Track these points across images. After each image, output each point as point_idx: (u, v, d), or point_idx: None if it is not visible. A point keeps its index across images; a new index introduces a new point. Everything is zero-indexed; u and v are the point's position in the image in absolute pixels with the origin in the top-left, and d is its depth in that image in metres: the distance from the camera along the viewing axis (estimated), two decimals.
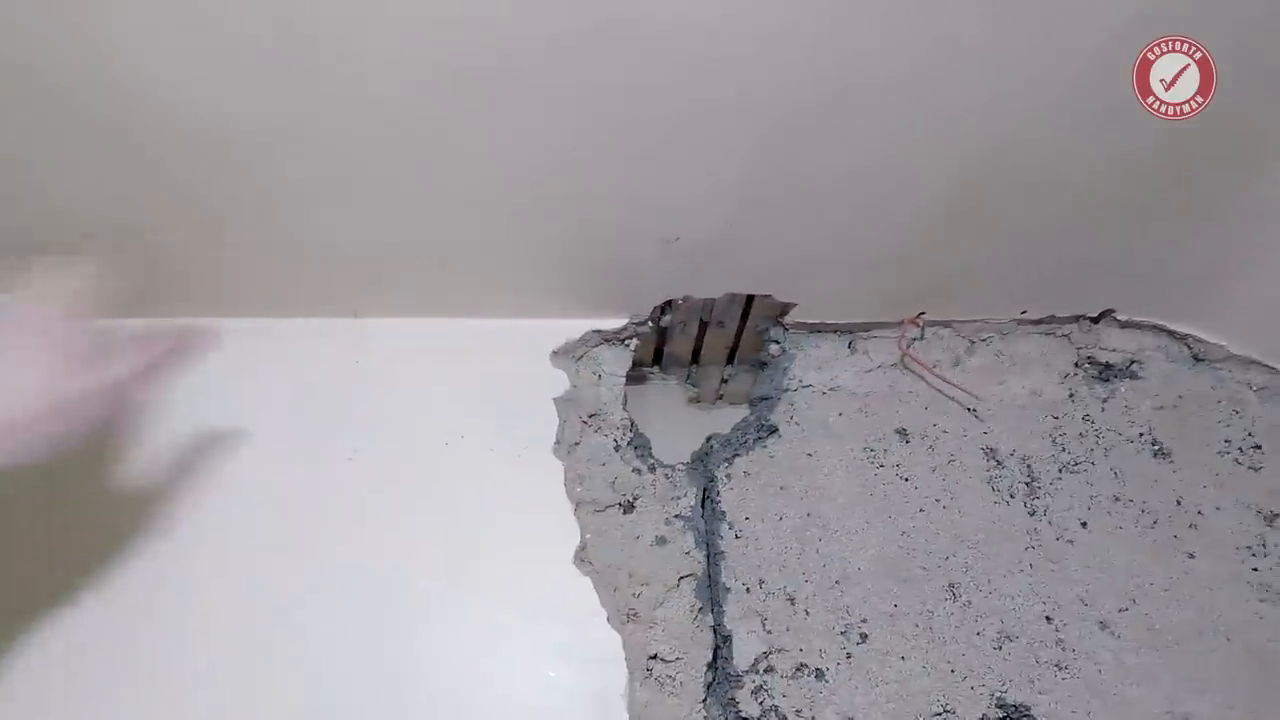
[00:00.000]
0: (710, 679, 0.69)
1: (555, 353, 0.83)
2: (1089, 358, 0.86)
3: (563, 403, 0.81)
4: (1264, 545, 0.74)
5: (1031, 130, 0.66)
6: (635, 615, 0.71)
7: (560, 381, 0.82)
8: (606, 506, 0.77)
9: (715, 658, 0.70)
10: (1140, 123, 0.65)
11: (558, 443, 0.79)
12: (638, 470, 0.79)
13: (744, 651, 0.70)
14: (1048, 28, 0.58)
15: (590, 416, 0.82)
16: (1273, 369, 0.83)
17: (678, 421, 0.94)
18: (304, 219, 0.71)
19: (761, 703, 0.68)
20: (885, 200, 0.73)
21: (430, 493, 0.75)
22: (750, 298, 0.85)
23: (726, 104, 0.62)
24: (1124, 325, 0.87)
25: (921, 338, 0.87)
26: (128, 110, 0.60)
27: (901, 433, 0.81)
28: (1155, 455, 0.79)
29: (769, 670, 0.69)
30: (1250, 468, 0.78)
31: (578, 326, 0.84)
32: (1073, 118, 0.65)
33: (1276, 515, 0.75)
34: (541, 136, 0.64)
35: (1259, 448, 0.79)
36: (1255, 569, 0.73)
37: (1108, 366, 0.86)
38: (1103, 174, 0.71)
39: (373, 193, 0.69)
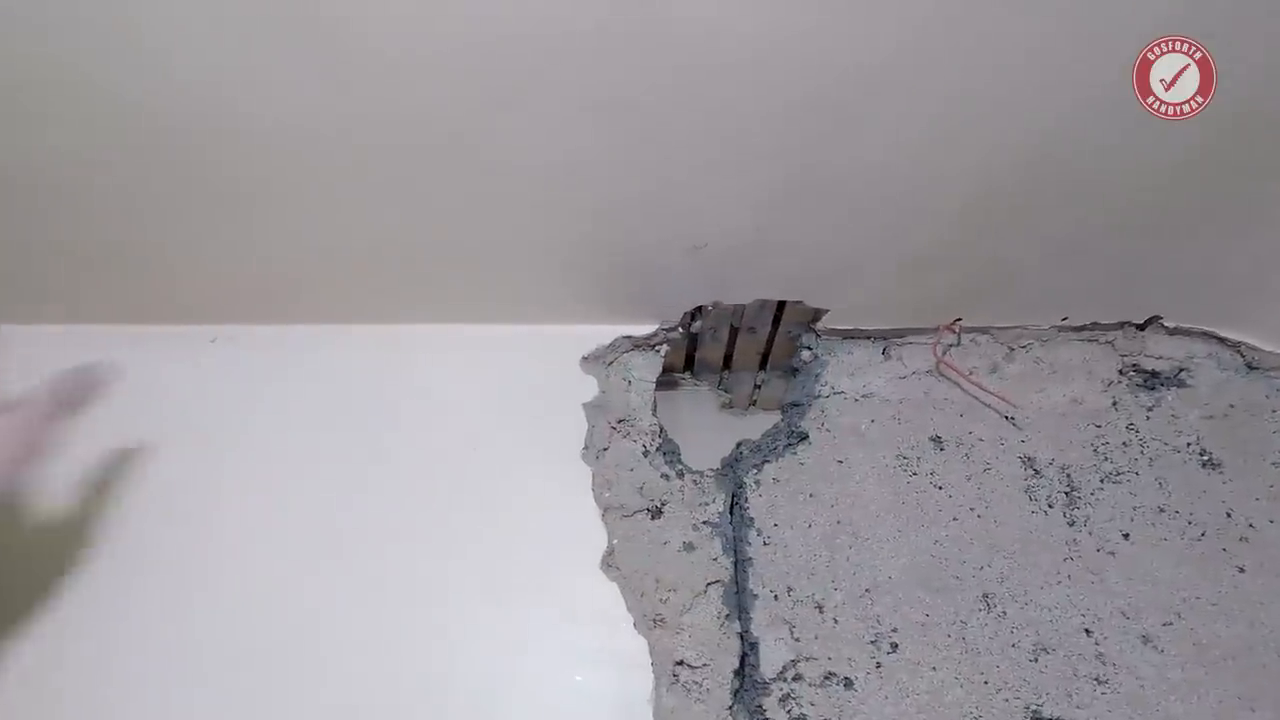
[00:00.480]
0: (737, 686, 0.70)
1: (585, 358, 0.85)
2: (1134, 365, 0.85)
3: (592, 408, 0.83)
4: None
5: (1067, 130, 0.66)
6: (662, 621, 0.72)
7: (590, 387, 0.84)
8: (634, 512, 0.78)
9: (742, 665, 0.71)
10: (1180, 125, 0.64)
11: (586, 448, 0.80)
12: (666, 476, 0.80)
13: (771, 659, 0.70)
14: (1083, 27, 0.58)
15: (619, 422, 0.83)
16: None
17: (709, 427, 0.95)
18: (336, 223, 0.75)
19: (789, 711, 0.68)
20: (917, 201, 0.73)
21: (458, 497, 0.78)
22: (781, 304, 0.86)
23: (751, 105, 0.63)
24: (1172, 332, 0.86)
25: (958, 344, 0.86)
26: (157, 110, 0.63)
27: (936, 440, 0.81)
28: (1204, 465, 0.78)
29: (797, 678, 0.70)
30: None
31: (608, 332, 0.86)
32: (1110, 118, 0.65)
33: None
34: (566, 140, 0.66)
35: None
36: None
37: (1154, 374, 0.84)
38: (1144, 176, 0.70)
39: (404, 197, 0.72)
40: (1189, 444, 0.79)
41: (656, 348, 0.88)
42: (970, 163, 0.69)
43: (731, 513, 0.79)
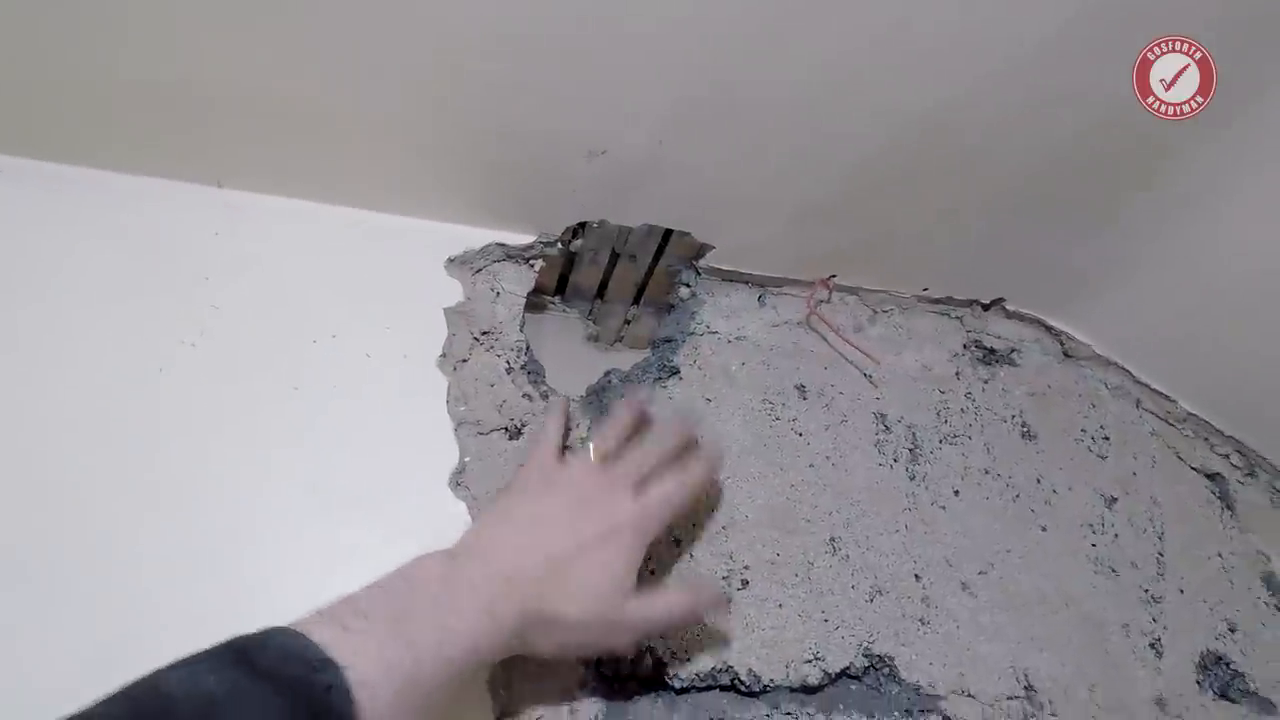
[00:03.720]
0: None
1: (452, 260, 0.79)
2: (976, 341, 0.93)
3: (454, 314, 0.77)
4: (1103, 524, 0.84)
5: (982, 101, 0.68)
6: None
7: (454, 291, 0.78)
8: (491, 430, 0.74)
9: None
10: (1079, 113, 0.69)
11: (444, 356, 0.74)
12: (529, 396, 0.76)
13: None
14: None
15: (483, 334, 0.78)
16: (1126, 371, 0.94)
17: (574, 357, 0.92)
18: (168, 51, 0.62)
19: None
20: (819, 146, 0.74)
21: (289, 394, 0.69)
22: (668, 234, 0.84)
23: (683, 8, 0.60)
24: (1009, 315, 0.95)
25: (829, 300, 0.90)
26: None
27: (800, 389, 0.83)
28: (1023, 436, 0.87)
29: None
30: (1099, 456, 0.88)
31: (480, 236, 0.80)
32: (1024, 100, 0.68)
33: (1115, 499, 0.86)
34: (477, 4, 0.59)
35: (1107, 439, 0.90)
36: (1094, 544, 0.82)
37: (991, 351, 0.93)
38: (1024, 160, 0.76)
39: (262, 29, 0.61)
40: (1013, 416, 0.88)
41: (531, 261, 0.83)
42: (883, 116, 0.71)
43: None
